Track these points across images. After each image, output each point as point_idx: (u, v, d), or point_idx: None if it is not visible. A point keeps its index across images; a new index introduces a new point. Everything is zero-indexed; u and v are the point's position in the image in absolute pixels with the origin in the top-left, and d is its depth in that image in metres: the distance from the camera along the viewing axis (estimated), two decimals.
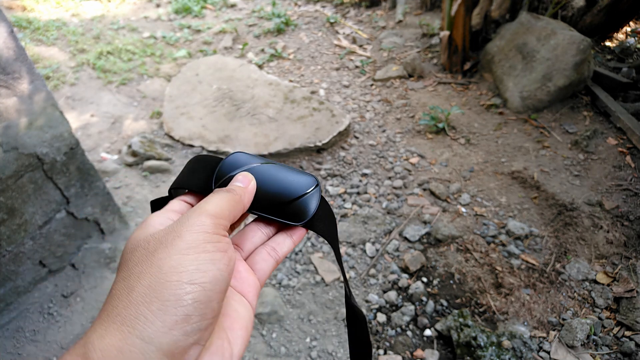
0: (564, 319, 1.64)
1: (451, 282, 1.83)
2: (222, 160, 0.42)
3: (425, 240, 2.03)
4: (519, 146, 2.60)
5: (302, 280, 1.85)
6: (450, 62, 3.34)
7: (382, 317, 1.71)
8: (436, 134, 2.77)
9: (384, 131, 2.84)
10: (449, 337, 1.60)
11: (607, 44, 3.55)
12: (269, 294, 1.75)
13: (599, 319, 1.64)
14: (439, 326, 1.64)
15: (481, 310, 1.71)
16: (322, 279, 1.85)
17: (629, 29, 3.64)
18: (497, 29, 3.38)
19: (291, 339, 1.64)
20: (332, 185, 2.40)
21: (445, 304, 1.74)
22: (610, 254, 1.89)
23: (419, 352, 1.58)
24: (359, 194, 2.33)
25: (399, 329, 1.67)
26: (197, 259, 0.30)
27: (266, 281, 0.43)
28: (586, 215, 2.06)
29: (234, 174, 0.40)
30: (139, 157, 2.49)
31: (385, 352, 1.59)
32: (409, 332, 1.66)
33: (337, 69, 3.59)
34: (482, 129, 2.80)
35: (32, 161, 1.47)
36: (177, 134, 2.75)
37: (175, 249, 0.30)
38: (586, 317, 1.63)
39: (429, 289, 1.81)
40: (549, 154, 2.51)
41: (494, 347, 1.50)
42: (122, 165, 2.51)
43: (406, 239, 2.03)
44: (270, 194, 0.41)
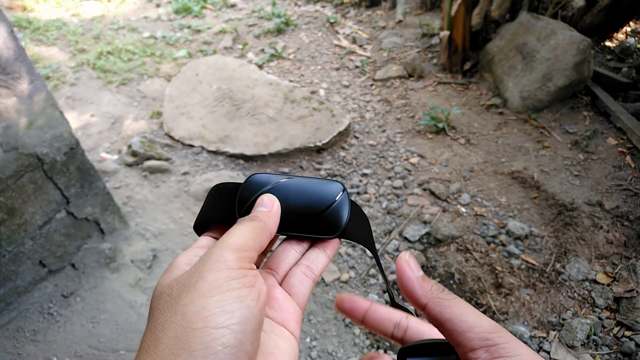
0: (564, 319, 1.64)
1: (451, 282, 1.83)
2: (240, 185, 0.40)
3: (425, 240, 2.03)
4: (519, 146, 2.60)
5: None
6: (450, 62, 3.34)
7: None
8: (436, 134, 2.77)
9: (384, 131, 2.84)
10: None
11: (607, 44, 3.55)
12: None
13: (599, 319, 1.64)
14: None
15: (481, 310, 1.71)
16: (322, 279, 1.85)
17: (629, 29, 3.64)
18: (497, 29, 3.38)
19: None
20: None
21: None
22: (610, 254, 1.89)
23: None
24: (359, 194, 2.33)
25: None
26: (222, 300, 0.28)
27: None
28: (586, 215, 2.06)
29: (256, 197, 0.38)
30: (139, 157, 2.49)
31: (385, 352, 1.59)
32: None
33: (337, 69, 3.59)
34: (482, 129, 2.80)
35: (32, 161, 1.47)
36: (177, 134, 2.75)
37: (198, 292, 0.28)
38: (586, 317, 1.63)
39: None
40: (549, 154, 2.51)
41: None
42: (122, 165, 2.51)
43: (406, 239, 2.03)
44: (298, 209, 0.39)
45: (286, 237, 0.41)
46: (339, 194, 0.39)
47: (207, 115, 2.88)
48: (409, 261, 0.36)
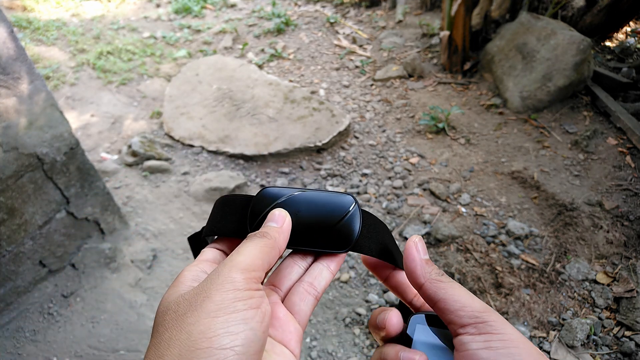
0: (564, 319, 1.64)
1: None
2: (252, 198, 0.40)
3: (425, 240, 2.03)
4: (519, 146, 2.60)
5: None
6: (450, 62, 3.34)
7: None
8: (436, 134, 2.77)
9: (384, 131, 2.84)
10: None
11: (607, 44, 3.55)
12: None
13: (599, 319, 1.64)
14: None
15: None
16: None
17: (629, 29, 3.64)
18: (497, 29, 3.38)
19: None
20: (332, 185, 2.40)
21: None
22: (610, 254, 1.89)
23: None
24: (359, 194, 2.33)
25: None
26: (227, 321, 0.28)
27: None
28: (586, 215, 2.06)
29: (268, 211, 0.39)
30: (139, 157, 2.50)
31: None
32: None
33: (337, 69, 3.59)
34: (482, 129, 2.80)
35: (32, 161, 1.47)
36: (177, 134, 2.75)
37: (204, 311, 0.29)
38: (586, 317, 1.63)
39: None
40: (549, 154, 2.51)
41: None
42: (122, 165, 2.51)
43: (406, 239, 2.03)
44: (309, 223, 0.39)
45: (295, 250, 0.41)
46: (350, 207, 0.40)
47: (207, 115, 2.88)
48: (418, 244, 0.38)
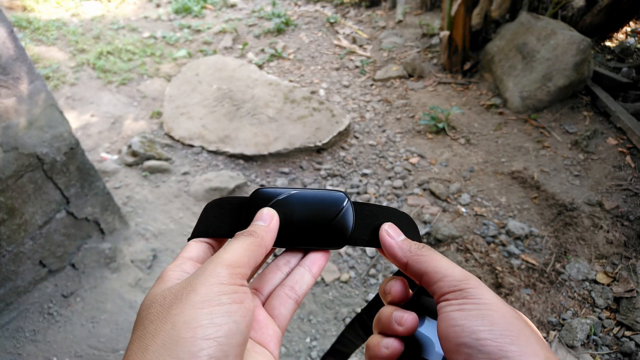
0: (564, 319, 1.64)
1: None
2: (245, 199, 0.41)
3: (425, 240, 2.03)
4: (519, 146, 2.60)
5: None
6: (450, 62, 3.34)
7: None
8: (436, 134, 2.77)
9: (384, 131, 2.84)
10: None
11: (607, 44, 3.55)
12: None
13: (599, 319, 1.64)
14: None
15: None
16: (322, 279, 1.85)
17: (629, 29, 3.64)
18: (497, 29, 3.38)
19: (291, 339, 1.64)
20: (332, 185, 2.40)
21: None
22: (610, 254, 1.89)
23: None
24: (359, 194, 2.33)
25: None
26: (211, 313, 0.29)
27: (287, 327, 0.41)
28: (586, 215, 2.06)
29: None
30: (139, 157, 2.49)
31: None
32: None
33: (337, 69, 3.59)
34: (482, 129, 2.80)
35: (32, 161, 1.47)
36: (177, 134, 2.75)
37: (189, 303, 0.29)
38: (586, 317, 1.63)
39: None
40: (549, 154, 2.51)
41: None
42: (122, 165, 2.51)
43: None
44: (305, 223, 0.40)
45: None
46: (344, 204, 0.40)
47: (207, 115, 2.88)
48: (388, 230, 0.39)
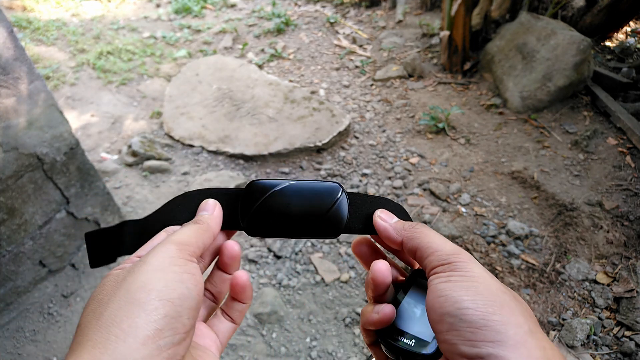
0: (564, 319, 1.64)
1: None
2: (237, 191, 0.42)
3: None
4: (519, 146, 2.60)
5: (302, 280, 1.85)
6: (450, 62, 3.34)
7: None
8: (436, 134, 2.77)
9: (384, 131, 2.84)
10: None
11: (607, 44, 3.55)
12: (269, 294, 1.75)
13: (599, 319, 1.64)
14: None
15: None
16: (322, 279, 1.85)
17: (629, 29, 3.64)
18: (497, 29, 3.38)
19: (291, 339, 1.64)
20: None
21: None
22: (610, 254, 1.89)
23: None
24: None
25: None
26: (164, 278, 0.30)
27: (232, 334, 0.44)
28: (586, 215, 2.06)
29: (261, 202, 0.40)
30: (139, 157, 2.50)
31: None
32: None
33: (337, 69, 3.59)
34: (482, 129, 2.80)
35: (32, 161, 1.47)
36: (177, 134, 2.75)
37: (142, 271, 0.31)
38: (586, 317, 1.63)
39: None
40: (549, 154, 2.51)
41: None
42: (122, 165, 2.51)
43: None
44: (300, 214, 0.40)
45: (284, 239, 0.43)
46: (338, 195, 0.41)
47: (207, 115, 2.88)
48: (381, 215, 0.40)
